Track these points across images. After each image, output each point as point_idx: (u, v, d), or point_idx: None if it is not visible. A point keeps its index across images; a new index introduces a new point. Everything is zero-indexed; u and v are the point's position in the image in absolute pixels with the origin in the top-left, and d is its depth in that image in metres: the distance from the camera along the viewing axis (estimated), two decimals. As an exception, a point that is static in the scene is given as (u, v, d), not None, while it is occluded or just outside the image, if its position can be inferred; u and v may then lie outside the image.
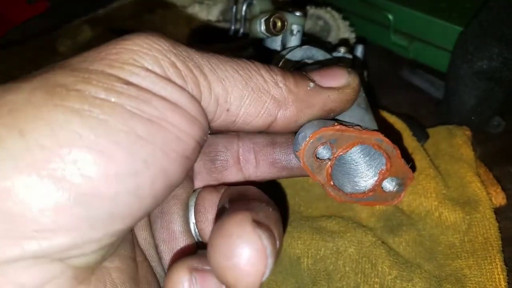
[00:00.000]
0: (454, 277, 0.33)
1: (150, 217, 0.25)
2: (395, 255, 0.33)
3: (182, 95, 0.18)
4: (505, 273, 0.32)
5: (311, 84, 0.22)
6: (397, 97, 0.47)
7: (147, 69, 0.17)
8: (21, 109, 0.15)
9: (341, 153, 0.23)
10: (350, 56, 0.38)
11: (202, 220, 0.25)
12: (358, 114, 0.25)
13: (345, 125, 0.23)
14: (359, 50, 0.38)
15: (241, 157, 0.27)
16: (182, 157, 0.18)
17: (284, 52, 0.31)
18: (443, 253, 0.34)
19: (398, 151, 0.23)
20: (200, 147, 0.19)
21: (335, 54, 0.35)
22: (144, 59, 0.17)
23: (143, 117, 0.17)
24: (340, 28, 0.46)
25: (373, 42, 0.52)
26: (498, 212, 0.37)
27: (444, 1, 0.48)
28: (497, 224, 0.34)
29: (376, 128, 0.25)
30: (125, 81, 0.17)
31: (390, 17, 0.49)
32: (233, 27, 0.42)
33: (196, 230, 0.25)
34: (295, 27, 0.35)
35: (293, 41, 0.35)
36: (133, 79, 0.17)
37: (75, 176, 0.15)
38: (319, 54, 0.32)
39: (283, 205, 0.38)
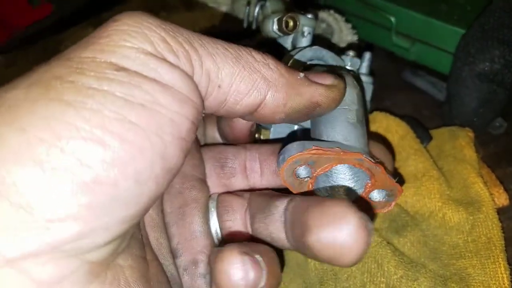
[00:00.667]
0: (458, 276, 0.33)
1: (168, 219, 0.26)
2: (401, 255, 0.34)
3: (174, 73, 0.18)
4: (508, 272, 0.33)
5: (301, 74, 0.23)
6: (399, 99, 0.48)
7: (138, 49, 0.18)
8: (19, 105, 0.16)
9: (321, 173, 0.23)
10: (358, 60, 0.38)
11: (231, 219, 0.26)
12: (344, 130, 0.25)
13: (322, 149, 0.23)
14: (367, 57, 0.39)
15: (247, 166, 0.29)
16: (178, 139, 0.18)
17: (293, 52, 0.32)
18: (447, 253, 0.35)
19: (382, 168, 0.24)
20: (196, 127, 0.20)
21: (343, 57, 0.36)
22: (135, 38, 0.18)
23: (135, 102, 0.17)
24: (342, 31, 0.46)
25: (375, 44, 0.53)
26: (501, 212, 0.38)
27: (445, 4, 0.48)
28: (500, 224, 0.35)
29: (362, 144, 0.25)
30: (116, 66, 0.17)
31: (392, 19, 0.49)
32: (245, 26, 0.44)
33: (218, 229, 0.26)
34: (306, 29, 0.36)
35: (304, 42, 0.36)
36: (124, 63, 0.17)
37: (75, 166, 0.16)
38: (329, 56, 0.32)
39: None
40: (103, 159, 0.16)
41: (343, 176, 0.25)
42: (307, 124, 0.30)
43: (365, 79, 0.39)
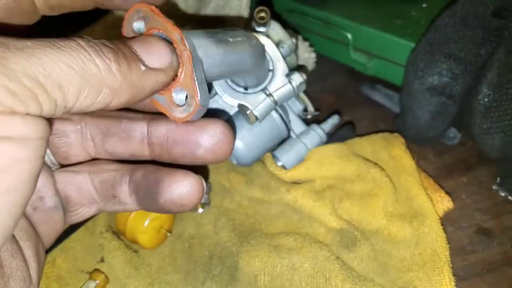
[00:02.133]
0: (405, 289, 0.34)
1: None
2: (349, 269, 0.35)
3: (31, 125, 0.18)
4: (453, 283, 0.34)
5: (143, 67, 0.21)
6: (358, 113, 0.49)
7: None
8: None
9: (151, 32, 0.23)
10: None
11: (65, 145, 0.26)
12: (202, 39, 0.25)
13: (157, 10, 0.23)
14: (335, 119, 0.45)
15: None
16: (33, 179, 0.18)
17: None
18: (395, 267, 0.35)
19: (158, 11, 0.23)
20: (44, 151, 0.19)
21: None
22: None
23: None
24: (299, 48, 0.47)
25: (334, 59, 0.54)
26: (450, 222, 0.39)
27: (399, 19, 0.50)
28: (445, 236, 0.36)
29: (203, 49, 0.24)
30: None
31: (349, 35, 0.50)
32: None
33: (51, 156, 0.26)
34: (285, 45, 0.41)
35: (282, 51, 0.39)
36: None
37: None
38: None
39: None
40: None
41: None
42: None
43: (321, 134, 0.43)
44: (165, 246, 0.39)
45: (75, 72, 0.18)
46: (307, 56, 0.49)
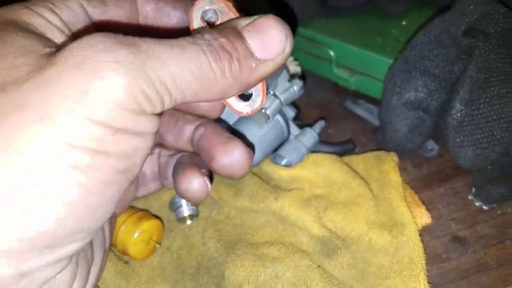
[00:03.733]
0: (383, 295, 0.36)
1: None
2: (329, 277, 0.36)
3: (152, 122, 0.20)
4: (427, 290, 0.35)
5: (253, 64, 0.21)
6: (340, 127, 0.51)
7: (126, 109, 0.18)
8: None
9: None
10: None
11: None
12: None
13: (235, 6, 0.23)
14: (321, 123, 0.47)
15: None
16: (143, 162, 0.21)
17: None
18: (374, 274, 0.37)
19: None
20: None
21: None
22: (121, 96, 0.18)
23: (121, 156, 0.19)
24: (286, 63, 0.50)
25: (318, 75, 0.56)
26: (428, 231, 0.41)
27: (379, 36, 0.52)
28: (422, 245, 0.38)
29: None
30: (112, 128, 0.18)
31: (331, 53, 0.53)
32: None
33: None
34: None
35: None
36: (114, 123, 0.18)
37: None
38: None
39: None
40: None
41: None
42: None
43: (315, 134, 0.46)
44: (154, 257, 0.40)
45: (196, 80, 0.20)
46: (293, 69, 0.51)
